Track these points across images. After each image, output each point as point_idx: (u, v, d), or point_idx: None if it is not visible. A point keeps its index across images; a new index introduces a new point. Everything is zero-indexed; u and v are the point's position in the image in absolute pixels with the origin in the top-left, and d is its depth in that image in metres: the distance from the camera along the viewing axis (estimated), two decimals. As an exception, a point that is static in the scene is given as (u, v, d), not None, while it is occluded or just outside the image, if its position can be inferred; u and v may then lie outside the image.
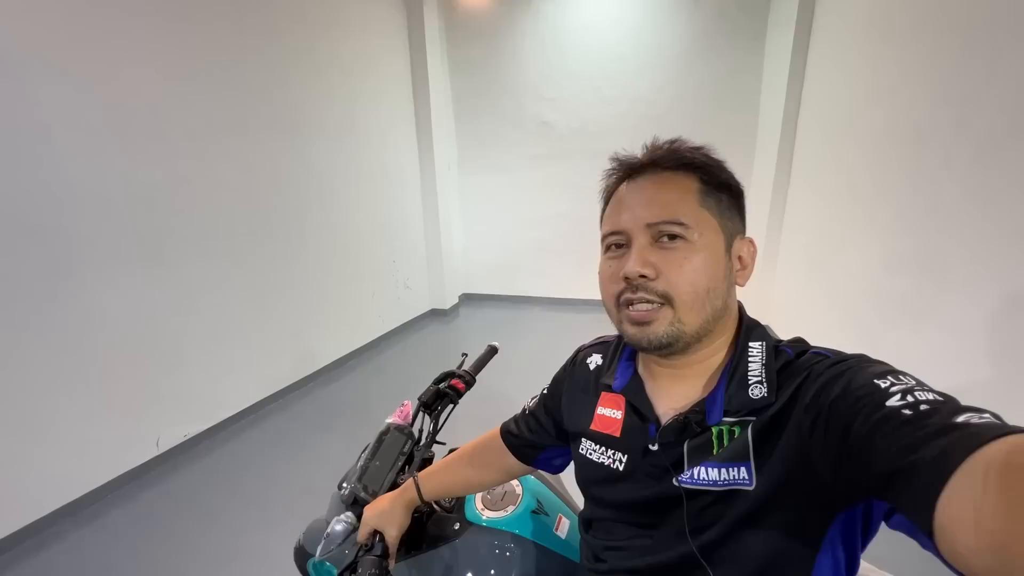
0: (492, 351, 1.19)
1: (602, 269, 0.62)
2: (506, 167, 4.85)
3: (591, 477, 0.67)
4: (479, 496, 0.90)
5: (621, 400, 0.66)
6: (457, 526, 0.86)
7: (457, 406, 1.08)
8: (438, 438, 1.04)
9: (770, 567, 0.52)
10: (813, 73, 3.44)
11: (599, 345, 0.77)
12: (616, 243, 0.60)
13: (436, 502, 0.98)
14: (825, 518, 0.49)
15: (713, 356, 0.59)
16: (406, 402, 1.12)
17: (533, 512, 0.87)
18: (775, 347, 0.57)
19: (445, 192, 4.65)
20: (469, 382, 1.09)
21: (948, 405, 0.38)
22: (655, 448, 0.59)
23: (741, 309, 0.62)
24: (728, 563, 0.54)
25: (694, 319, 0.55)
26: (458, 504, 0.91)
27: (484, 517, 0.86)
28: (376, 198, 3.94)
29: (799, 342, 0.58)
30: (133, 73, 2.19)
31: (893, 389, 0.42)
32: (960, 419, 0.35)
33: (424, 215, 4.59)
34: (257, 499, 2.23)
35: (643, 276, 0.55)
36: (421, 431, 1.04)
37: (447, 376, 1.09)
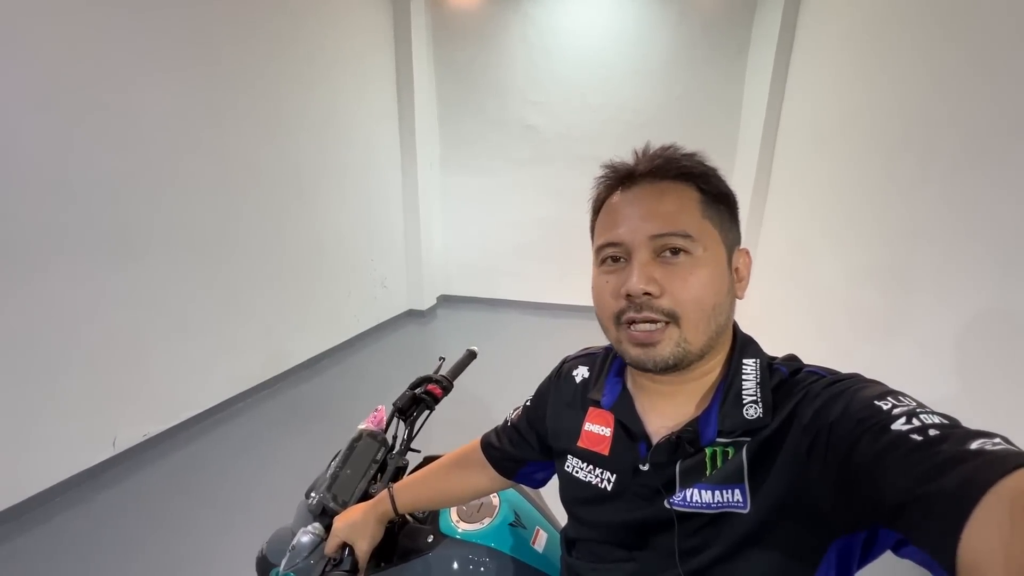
0: (471, 356, 1.15)
1: (598, 284, 0.57)
2: (489, 169, 4.81)
3: (577, 496, 0.64)
4: (454, 508, 0.86)
5: (610, 417, 0.63)
6: (431, 539, 0.82)
7: (434, 412, 1.04)
8: (413, 445, 1.00)
9: None
10: (792, 89, 3.52)
11: (585, 357, 0.73)
12: (613, 256, 0.56)
13: (410, 513, 0.94)
14: (822, 543, 0.48)
15: (708, 373, 0.57)
16: (379, 407, 1.08)
17: (511, 525, 0.84)
18: (769, 365, 0.55)
19: (426, 192, 4.58)
20: (447, 388, 1.06)
21: (957, 430, 0.37)
22: (645, 468, 0.56)
23: (734, 324, 0.60)
24: None
25: (699, 337, 0.53)
26: (432, 515, 0.87)
27: (459, 530, 0.83)
28: (356, 195, 3.85)
29: (792, 360, 0.56)
30: (103, 55, 2.08)
31: (896, 412, 0.40)
32: (974, 446, 0.34)
33: (404, 214, 4.51)
34: (220, 503, 2.13)
35: (648, 293, 0.51)
36: (395, 438, 1.00)
37: (424, 381, 1.05)
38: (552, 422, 0.71)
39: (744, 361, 0.55)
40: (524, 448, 0.76)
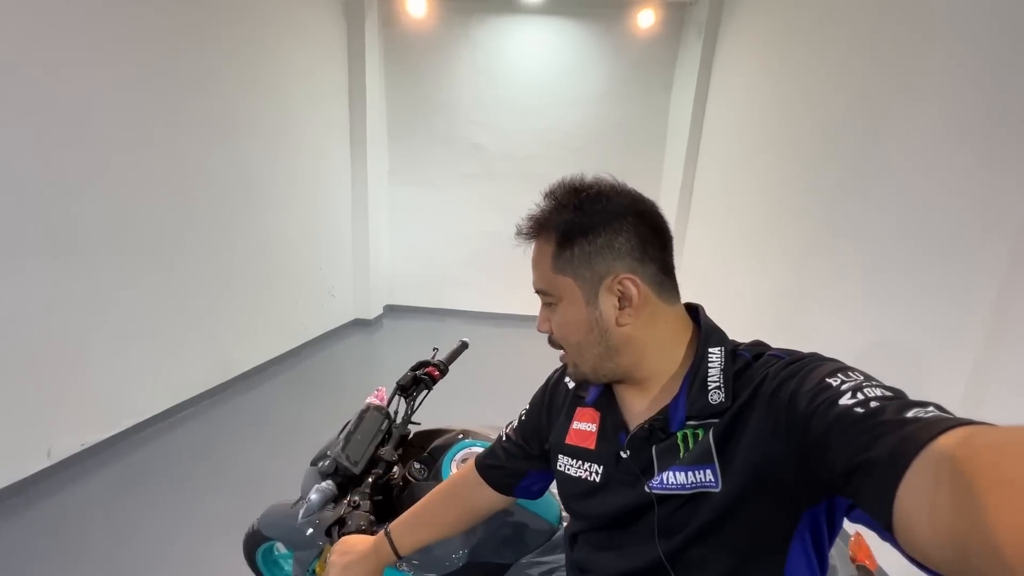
0: (463, 346, 1.34)
1: None
2: (437, 183, 4.99)
3: (571, 492, 0.68)
4: (455, 461, 1.03)
5: (595, 413, 0.68)
6: None
7: (431, 392, 1.21)
8: (413, 418, 1.16)
9: (741, 570, 0.54)
10: (709, 124, 4.05)
11: None
12: None
13: (409, 472, 1.10)
14: (791, 517, 0.51)
15: (664, 368, 0.61)
16: (380, 387, 1.23)
17: None
18: (733, 351, 0.59)
19: (376, 203, 4.67)
20: (443, 371, 1.24)
21: (896, 401, 0.40)
22: (625, 456, 0.61)
23: (699, 315, 0.64)
24: (699, 567, 0.55)
25: (583, 364, 0.63)
26: (435, 471, 1.04)
27: (462, 478, 1.00)
28: (306, 203, 3.87)
29: (757, 345, 0.60)
30: (55, 48, 2.05)
31: (844, 387, 0.44)
32: (909, 414, 0.37)
33: (353, 224, 4.56)
34: (163, 512, 2.07)
35: (544, 332, 0.66)
36: (396, 412, 1.15)
37: (423, 364, 1.23)
38: (551, 426, 0.76)
39: (710, 350, 0.59)
40: (522, 460, 0.79)
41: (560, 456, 0.70)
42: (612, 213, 0.59)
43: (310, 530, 1.13)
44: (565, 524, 0.98)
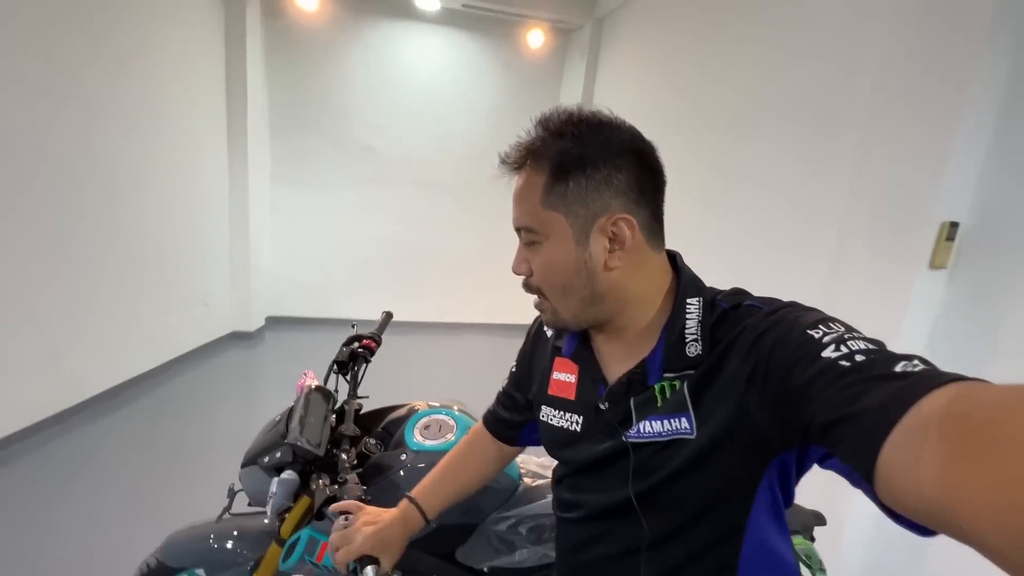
0: (389, 316, 1.35)
1: None
2: (326, 185, 4.72)
3: (553, 440, 0.69)
4: (417, 428, 1.03)
5: (574, 364, 0.68)
6: (404, 456, 0.98)
7: (369, 363, 1.18)
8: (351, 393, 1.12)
9: (710, 509, 0.55)
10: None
11: None
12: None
13: (365, 448, 1.06)
14: (762, 462, 0.53)
15: (644, 317, 0.60)
16: (308, 371, 1.17)
17: None
18: (712, 301, 0.58)
19: (257, 203, 4.27)
20: (379, 342, 1.23)
21: (881, 353, 0.40)
22: (605, 407, 0.62)
23: (678, 264, 0.63)
24: (671, 507, 0.57)
25: (565, 309, 0.60)
26: (398, 439, 1.02)
27: (428, 445, 1.00)
28: (176, 200, 3.41)
29: (737, 294, 0.59)
30: None
31: (826, 339, 0.44)
32: (897, 368, 0.37)
33: (231, 227, 4.10)
34: None
35: (522, 274, 0.62)
36: (337, 390, 1.11)
37: (355, 339, 1.20)
38: (533, 376, 0.76)
39: (688, 301, 0.58)
40: (518, 411, 0.80)
41: (543, 407, 0.70)
42: (614, 147, 0.56)
43: (236, 542, 1.04)
44: (525, 479, 1.04)
